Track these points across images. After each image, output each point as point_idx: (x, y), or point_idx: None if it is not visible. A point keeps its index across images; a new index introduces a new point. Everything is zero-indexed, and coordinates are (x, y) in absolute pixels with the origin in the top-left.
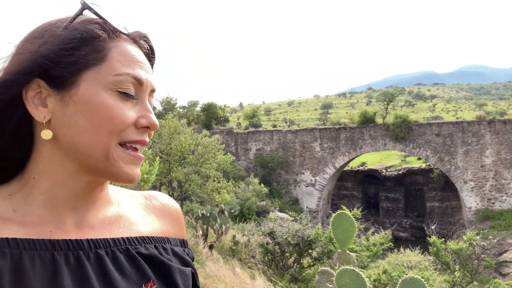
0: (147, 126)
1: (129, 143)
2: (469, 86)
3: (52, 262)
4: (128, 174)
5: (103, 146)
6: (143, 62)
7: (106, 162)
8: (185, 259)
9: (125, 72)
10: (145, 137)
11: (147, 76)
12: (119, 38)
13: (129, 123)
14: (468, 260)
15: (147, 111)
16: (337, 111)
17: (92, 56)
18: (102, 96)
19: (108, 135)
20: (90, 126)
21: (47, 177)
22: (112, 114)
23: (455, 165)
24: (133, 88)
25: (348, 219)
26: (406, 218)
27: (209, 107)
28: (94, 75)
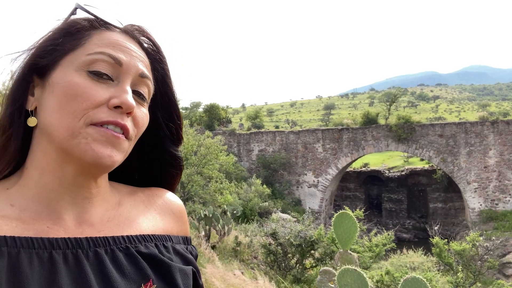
0: (118, 105)
1: (100, 123)
2: (472, 87)
3: (50, 261)
4: (94, 152)
5: (68, 123)
6: (127, 47)
7: (73, 140)
8: (187, 257)
9: (99, 50)
10: (120, 119)
11: (131, 59)
12: (107, 29)
13: (96, 102)
14: (471, 261)
15: (122, 91)
16: (339, 112)
17: (71, 43)
18: (70, 76)
19: (73, 113)
20: (58, 106)
21: (36, 166)
22: (77, 92)
23: (458, 166)
24: (108, 69)
25: (349, 219)
26: (409, 219)
27: (211, 108)
28: (69, 59)
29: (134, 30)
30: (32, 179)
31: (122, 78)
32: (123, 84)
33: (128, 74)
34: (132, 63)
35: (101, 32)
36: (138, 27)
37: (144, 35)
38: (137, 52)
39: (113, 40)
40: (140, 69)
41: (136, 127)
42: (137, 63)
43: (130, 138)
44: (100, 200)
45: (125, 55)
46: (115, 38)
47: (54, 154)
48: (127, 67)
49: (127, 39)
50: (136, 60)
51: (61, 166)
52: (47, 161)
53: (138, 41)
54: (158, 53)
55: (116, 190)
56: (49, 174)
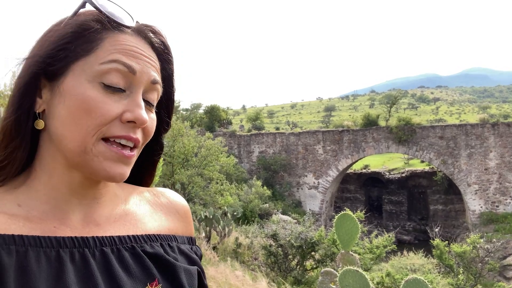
0: (132, 120)
1: (112, 138)
2: (472, 89)
3: (57, 260)
4: (106, 171)
5: (81, 139)
6: (140, 52)
7: (85, 157)
8: (192, 257)
9: (112, 59)
10: (132, 133)
11: (144, 66)
12: (118, 30)
13: (110, 118)
14: (472, 263)
15: (135, 105)
16: (340, 114)
17: (82, 47)
18: (83, 87)
19: (87, 128)
20: (70, 118)
21: (45, 169)
22: (90, 107)
23: (459, 168)
24: (121, 78)
25: (351, 220)
26: (410, 221)
27: (212, 109)
28: (81, 65)
29: (148, 31)
30: (40, 181)
31: (134, 88)
32: (136, 96)
33: (140, 83)
34: (145, 71)
35: (113, 36)
36: (151, 27)
37: (157, 36)
38: (150, 56)
39: (126, 45)
40: (152, 75)
41: (145, 136)
42: (149, 70)
43: (138, 148)
44: (107, 200)
45: (138, 62)
46: (128, 43)
47: (63, 160)
48: (140, 75)
49: (139, 41)
50: (149, 66)
51: (69, 172)
52: (55, 166)
53: (150, 42)
54: (168, 54)
55: (122, 189)
56: (57, 178)
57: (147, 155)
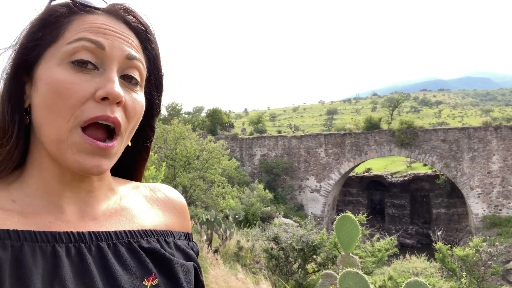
0: (105, 96)
1: (88, 121)
2: (475, 92)
3: (53, 255)
4: (80, 164)
5: (56, 126)
6: (109, 28)
7: (60, 146)
8: (188, 253)
9: (77, 37)
10: (109, 112)
11: (115, 40)
12: (86, 12)
13: (81, 97)
14: (475, 266)
15: (107, 80)
16: (342, 117)
17: (51, 34)
18: (52, 71)
19: (60, 113)
20: (43, 105)
21: (34, 164)
22: (59, 89)
23: (462, 171)
24: (91, 56)
25: (352, 222)
26: (412, 224)
27: (214, 112)
28: (51, 51)
29: (119, 10)
30: (31, 176)
31: (107, 65)
32: (108, 72)
33: (112, 59)
34: (116, 45)
35: (81, 17)
36: (123, 5)
37: (131, 14)
38: (122, 32)
39: (93, 23)
40: (126, 50)
41: (128, 118)
42: (122, 45)
43: (121, 133)
44: (103, 194)
45: (107, 37)
46: (96, 21)
47: (48, 153)
48: (110, 50)
49: (110, 20)
50: (120, 41)
51: (56, 165)
52: (43, 159)
53: (125, 21)
54: (147, 33)
55: (118, 184)
56: (47, 171)
57: (138, 141)
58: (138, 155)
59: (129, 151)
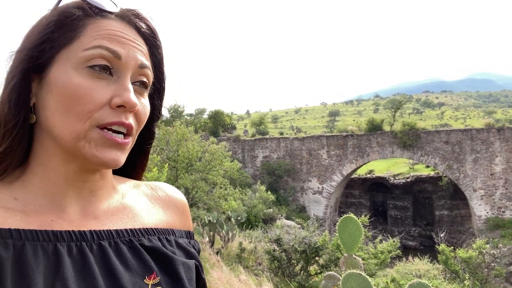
0: (121, 104)
1: (104, 125)
2: (477, 94)
3: (55, 253)
4: (98, 158)
5: (72, 126)
6: (124, 36)
7: (77, 144)
8: (189, 251)
9: (95, 44)
10: (124, 118)
11: (130, 50)
12: (101, 16)
13: (99, 103)
14: (478, 268)
15: (123, 89)
16: (344, 119)
17: (65, 35)
18: (69, 75)
19: (77, 115)
20: (59, 107)
21: (39, 162)
22: (78, 94)
23: (464, 173)
24: (107, 63)
25: (354, 223)
26: (415, 226)
27: (216, 114)
28: (65, 54)
29: (131, 15)
30: (35, 175)
31: (121, 73)
32: (123, 80)
33: (127, 68)
34: (131, 55)
35: (96, 21)
36: (135, 11)
37: (142, 21)
38: (135, 40)
39: (109, 30)
40: (139, 59)
41: (138, 122)
42: (136, 54)
43: (132, 135)
44: (105, 193)
45: (123, 46)
46: (112, 28)
47: (57, 151)
48: (125, 60)
49: (123, 26)
50: (135, 50)
51: (65, 163)
52: (49, 158)
53: (135, 26)
54: (155, 39)
55: (120, 183)
56: (53, 171)
57: (139, 144)
58: (138, 159)
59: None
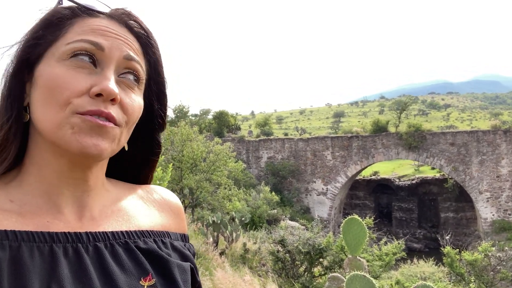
0: (99, 92)
1: (83, 113)
2: (484, 95)
3: (51, 254)
4: (79, 142)
5: (53, 115)
6: (109, 30)
7: (59, 132)
8: (184, 253)
9: (78, 38)
10: (102, 107)
11: (113, 42)
12: (90, 15)
13: (77, 91)
14: (484, 271)
15: (103, 78)
16: (349, 120)
17: (52, 34)
18: (51, 67)
19: (57, 103)
20: (42, 99)
21: (34, 161)
22: (58, 83)
23: (470, 175)
24: (90, 55)
25: (359, 224)
26: (420, 228)
27: (220, 115)
28: (52, 50)
29: (121, 14)
30: (30, 174)
31: (105, 64)
32: (105, 70)
33: (111, 59)
34: (115, 46)
35: (83, 19)
36: (125, 10)
37: (132, 19)
38: (122, 35)
39: (94, 26)
40: (124, 50)
41: (126, 114)
42: (120, 46)
43: (119, 124)
44: (99, 195)
45: (106, 39)
46: (97, 23)
47: (47, 147)
48: (109, 51)
49: (112, 23)
50: (119, 42)
51: (55, 159)
52: (42, 155)
53: (127, 26)
54: (149, 38)
55: (114, 185)
56: (46, 168)
57: (145, 155)
58: (143, 170)
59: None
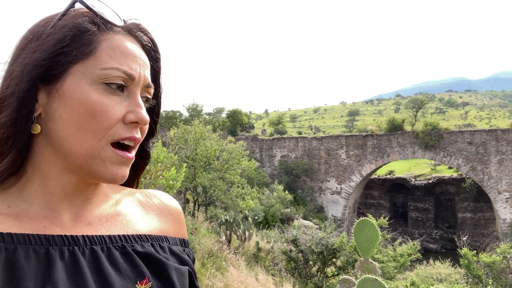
0: (135, 121)
1: (119, 140)
2: (503, 93)
3: (47, 257)
4: (111, 175)
5: (88, 144)
6: (136, 55)
7: (91, 161)
8: (183, 258)
9: (114, 66)
10: (135, 133)
11: (140, 70)
12: (111, 31)
13: (115, 120)
14: (502, 274)
15: (136, 106)
16: (364, 118)
17: (80, 50)
18: (85, 91)
19: (93, 132)
20: (74, 122)
21: (38, 172)
22: (95, 111)
23: (489, 174)
24: (122, 82)
25: (371, 226)
26: (436, 229)
27: (234, 113)
28: (80, 69)
29: (137, 30)
30: (32, 183)
31: (133, 90)
32: (135, 97)
33: (138, 86)
34: (142, 75)
35: (108, 37)
36: (139, 25)
37: (145, 34)
38: (142, 58)
39: (123, 48)
40: (147, 79)
41: (142, 135)
42: (145, 74)
43: (136, 148)
44: (99, 200)
45: (136, 67)
46: (124, 45)
47: (61, 164)
48: (138, 80)
49: (132, 42)
50: (144, 70)
51: (66, 175)
52: (50, 169)
53: (139, 40)
54: (156, 52)
55: (114, 191)
56: (52, 181)
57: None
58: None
59: None
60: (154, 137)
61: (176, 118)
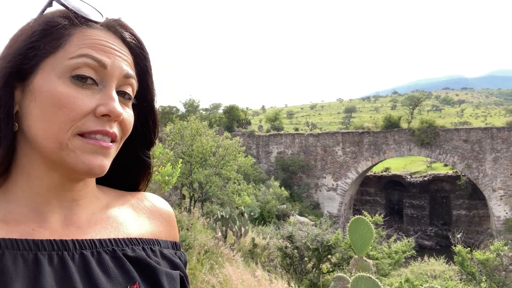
0: (106, 114)
1: (87, 133)
2: (499, 91)
3: (35, 262)
4: (84, 164)
5: (55, 135)
6: (110, 46)
7: (61, 153)
8: (174, 261)
9: (81, 53)
10: (108, 127)
11: (115, 60)
12: (86, 25)
13: (83, 112)
14: (495, 271)
15: (108, 98)
16: (360, 115)
17: (50, 44)
18: (53, 84)
19: (60, 124)
20: (42, 115)
21: (22, 172)
22: (61, 102)
23: (484, 172)
24: (92, 73)
25: (365, 224)
26: (431, 226)
27: (231, 109)
28: (50, 62)
29: (116, 25)
30: (17, 184)
31: (107, 82)
32: (108, 89)
33: (112, 77)
34: (116, 65)
35: (81, 31)
36: (120, 21)
37: (127, 30)
38: (120, 50)
39: (95, 39)
40: (124, 69)
41: (123, 130)
42: (121, 64)
43: (116, 141)
44: (88, 202)
45: (108, 56)
46: (97, 37)
47: (41, 160)
48: (111, 69)
49: (109, 36)
50: (120, 60)
51: (48, 172)
52: (32, 167)
53: (121, 36)
54: (141, 49)
55: (104, 193)
56: (36, 180)
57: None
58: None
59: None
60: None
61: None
